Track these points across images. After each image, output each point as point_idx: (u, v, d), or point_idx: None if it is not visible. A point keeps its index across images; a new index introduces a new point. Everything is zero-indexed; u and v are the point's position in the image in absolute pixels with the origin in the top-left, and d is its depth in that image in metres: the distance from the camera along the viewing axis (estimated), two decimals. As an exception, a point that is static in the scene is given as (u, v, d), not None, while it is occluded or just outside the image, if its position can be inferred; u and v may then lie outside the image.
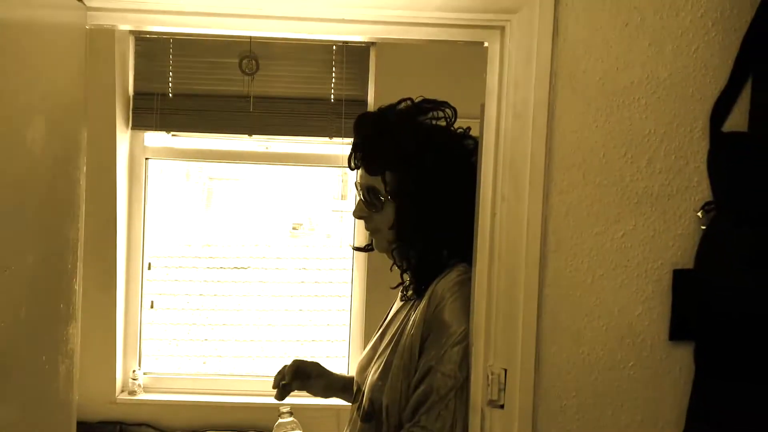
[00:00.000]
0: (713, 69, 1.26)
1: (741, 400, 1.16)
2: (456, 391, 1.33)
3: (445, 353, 1.34)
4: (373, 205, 1.49)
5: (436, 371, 1.34)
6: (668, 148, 1.27)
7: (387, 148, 1.45)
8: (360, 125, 1.51)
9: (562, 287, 1.28)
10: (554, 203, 1.27)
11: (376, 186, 1.47)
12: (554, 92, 1.26)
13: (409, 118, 1.47)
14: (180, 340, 3.33)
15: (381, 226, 1.49)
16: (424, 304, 1.40)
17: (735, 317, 1.18)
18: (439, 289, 1.39)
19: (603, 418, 1.29)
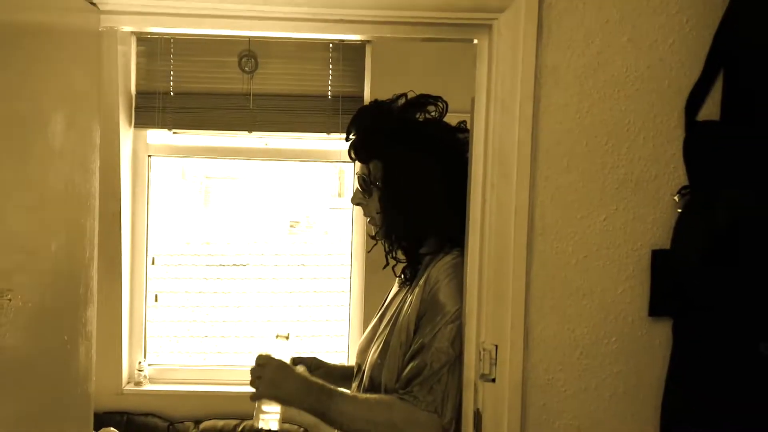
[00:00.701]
0: (688, 63, 1.34)
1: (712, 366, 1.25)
2: (449, 366, 1.42)
3: (439, 331, 1.43)
4: (364, 192, 1.59)
5: (430, 347, 1.42)
6: (646, 136, 1.36)
7: (374, 138, 1.55)
8: (355, 117, 1.61)
9: (548, 268, 1.37)
10: (540, 190, 1.36)
11: (365, 173, 1.58)
12: (539, 86, 1.35)
13: (399, 111, 1.56)
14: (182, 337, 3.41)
15: (372, 212, 1.59)
16: (421, 285, 1.49)
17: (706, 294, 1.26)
18: (434, 272, 1.48)
19: (588, 390, 1.38)
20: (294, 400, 1.50)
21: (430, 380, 1.41)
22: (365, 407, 1.46)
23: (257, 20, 1.39)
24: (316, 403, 1.47)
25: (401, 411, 1.41)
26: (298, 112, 3.15)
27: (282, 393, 1.50)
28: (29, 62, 1.11)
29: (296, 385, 1.49)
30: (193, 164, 3.40)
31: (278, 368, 1.52)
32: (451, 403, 1.42)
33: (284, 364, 1.54)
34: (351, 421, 1.46)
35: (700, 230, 1.29)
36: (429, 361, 1.41)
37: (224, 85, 3.14)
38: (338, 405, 1.46)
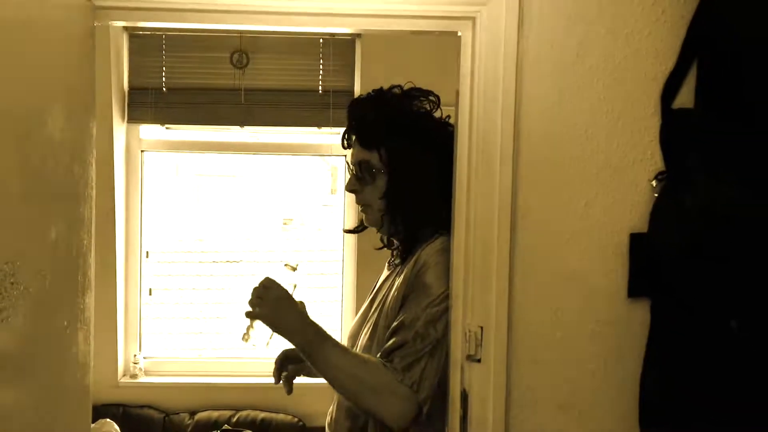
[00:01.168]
0: (663, 53, 1.40)
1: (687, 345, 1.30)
2: (430, 348, 1.46)
3: (422, 314, 1.47)
4: (365, 179, 1.62)
5: (412, 328, 1.46)
6: (624, 124, 1.41)
7: (382, 124, 1.59)
8: (356, 104, 1.66)
9: (530, 252, 1.42)
10: (523, 176, 1.41)
11: (369, 160, 1.60)
12: (521, 76, 1.40)
13: (402, 100, 1.62)
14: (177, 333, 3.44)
15: (372, 199, 1.62)
16: (409, 268, 1.54)
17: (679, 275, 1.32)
18: (423, 255, 1.53)
19: (570, 369, 1.43)
20: (287, 332, 1.52)
21: (410, 357, 1.45)
22: (352, 362, 1.50)
23: (247, 14, 1.44)
24: (306, 344, 1.50)
25: (384, 376, 1.45)
26: (289, 106, 3.20)
27: (278, 321, 1.53)
28: (28, 54, 1.15)
29: (294, 318, 1.52)
30: (187, 161, 3.44)
31: (282, 296, 1.55)
32: (429, 382, 1.46)
33: (288, 295, 1.56)
34: (335, 371, 1.49)
35: (674, 214, 1.34)
36: (410, 339, 1.46)
37: (216, 81, 3.19)
38: (327, 352, 1.49)
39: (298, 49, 3.19)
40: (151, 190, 3.37)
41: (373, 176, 1.61)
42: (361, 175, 1.62)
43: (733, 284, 1.26)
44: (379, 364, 1.47)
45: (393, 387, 1.45)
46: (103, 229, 3.14)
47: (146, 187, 3.34)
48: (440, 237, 1.55)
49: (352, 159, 1.66)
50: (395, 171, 1.58)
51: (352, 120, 1.65)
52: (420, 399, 1.45)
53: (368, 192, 1.63)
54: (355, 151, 1.64)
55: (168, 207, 3.42)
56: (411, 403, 1.45)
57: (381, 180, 1.60)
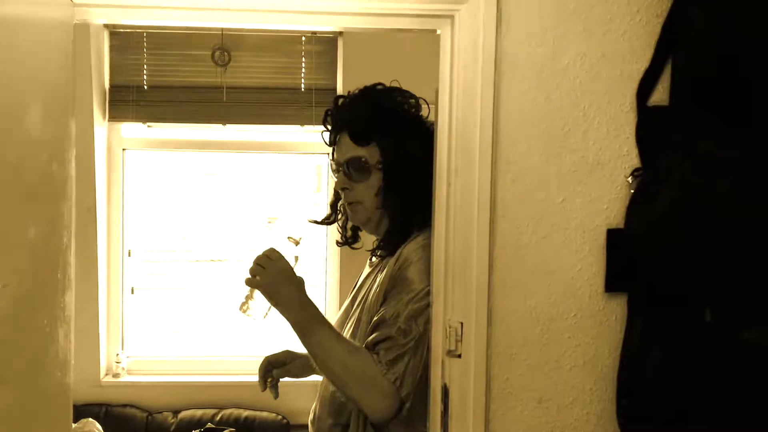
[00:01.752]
0: (639, 51, 1.42)
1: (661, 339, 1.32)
2: (413, 343, 1.48)
3: (404, 309, 1.49)
4: (357, 175, 1.62)
5: (395, 324, 1.48)
6: (601, 121, 1.43)
7: (377, 120, 1.60)
8: (343, 104, 1.65)
9: (509, 248, 1.44)
10: (501, 173, 1.43)
11: (363, 156, 1.60)
12: (499, 74, 1.41)
13: (388, 97, 1.63)
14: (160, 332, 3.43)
15: (364, 195, 1.62)
16: (391, 264, 1.55)
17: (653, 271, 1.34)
18: (405, 251, 1.54)
19: (549, 363, 1.45)
20: (284, 307, 1.53)
21: (394, 351, 1.47)
22: (343, 349, 1.51)
23: (228, 12, 1.44)
24: (302, 322, 1.52)
25: (370, 368, 1.47)
26: (272, 104, 3.20)
27: (277, 295, 1.54)
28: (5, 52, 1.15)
29: (293, 295, 1.53)
30: (169, 159, 3.43)
31: (285, 270, 1.55)
32: (411, 379, 1.48)
33: (290, 268, 1.56)
34: (326, 355, 1.51)
35: (649, 210, 1.36)
36: (394, 333, 1.47)
37: (198, 79, 3.18)
38: (321, 335, 1.51)
39: (280, 46, 3.19)
40: (133, 189, 3.35)
41: (366, 173, 1.61)
42: (352, 172, 1.62)
43: (705, 279, 1.28)
44: (367, 356, 1.48)
45: (378, 380, 1.46)
46: (85, 228, 3.12)
47: (128, 186, 3.33)
48: (422, 233, 1.56)
49: (338, 157, 1.66)
50: (391, 167, 1.59)
51: (342, 116, 1.65)
52: (402, 395, 1.47)
53: (360, 189, 1.63)
54: (344, 149, 1.64)
55: (150, 205, 3.41)
56: (393, 399, 1.47)
57: (375, 176, 1.61)
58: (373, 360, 1.48)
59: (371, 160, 1.61)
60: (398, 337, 1.48)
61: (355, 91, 1.67)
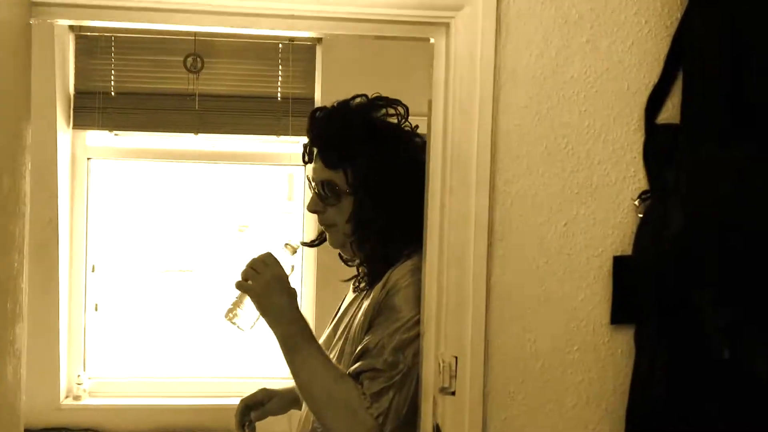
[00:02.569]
0: (647, 64, 1.32)
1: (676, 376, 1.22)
2: (400, 377, 1.36)
3: (390, 340, 1.37)
4: (329, 199, 1.50)
5: (380, 355, 1.36)
6: (606, 139, 1.33)
7: (347, 142, 1.47)
8: (317, 119, 1.53)
9: (508, 276, 1.32)
10: (500, 194, 1.32)
11: (333, 180, 1.48)
12: (498, 87, 1.31)
13: (366, 113, 1.49)
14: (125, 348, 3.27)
15: (337, 220, 1.50)
16: (378, 289, 1.43)
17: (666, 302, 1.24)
18: (393, 277, 1.42)
19: (550, 401, 1.34)
20: (273, 318, 1.42)
21: (379, 384, 1.35)
22: (329, 374, 1.39)
23: (201, 14, 1.31)
24: (290, 337, 1.40)
25: (354, 399, 1.35)
26: (247, 113, 3.06)
27: (268, 304, 1.42)
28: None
29: (285, 306, 1.42)
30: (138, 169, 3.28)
31: (280, 278, 1.43)
32: (395, 414, 1.35)
33: (286, 278, 1.45)
34: (310, 378, 1.39)
35: (659, 237, 1.26)
36: (380, 365, 1.35)
37: (169, 85, 3.03)
38: (307, 354, 1.39)
39: (255, 53, 3.06)
40: (98, 201, 3.19)
41: (338, 197, 1.48)
42: (325, 194, 1.50)
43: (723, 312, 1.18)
44: (353, 386, 1.36)
45: (360, 414, 1.34)
46: (46, 242, 2.95)
47: (93, 197, 3.16)
48: (411, 258, 1.45)
49: (314, 176, 1.54)
50: (362, 192, 1.46)
51: (315, 133, 1.52)
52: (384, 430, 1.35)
53: (332, 213, 1.51)
54: (317, 168, 1.52)
55: (116, 218, 3.25)
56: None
57: (347, 201, 1.48)
58: (358, 391, 1.36)
59: (342, 184, 1.48)
60: (384, 370, 1.35)
61: (328, 107, 1.55)
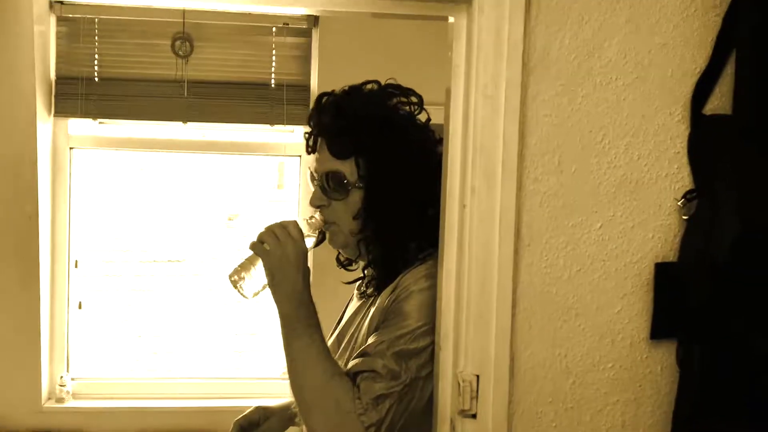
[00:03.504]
0: (693, 48, 1.17)
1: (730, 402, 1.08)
2: (401, 389, 1.23)
3: (396, 344, 1.24)
4: (334, 193, 1.36)
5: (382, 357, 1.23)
6: (647, 132, 1.18)
7: (360, 130, 1.33)
8: (325, 105, 1.38)
9: (536, 285, 1.18)
10: (528, 193, 1.17)
11: (342, 171, 1.34)
12: (527, 73, 1.16)
13: (379, 100, 1.35)
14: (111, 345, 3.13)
15: (342, 216, 1.36)
16: (385, 295, 1.29)
17: (719, 314, 1.10)
18: (404, 281, 1.29)
19: (582, 424, 1.20)
20: (282, 295, 1.28)
21: (378, 390, 1.22)
22: (326, 370, 1.25)
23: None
24: (293, 319, 1.27)
25: (347, 403, 1.22)
26: (239, 101, 2.90)
27: (282, 278, 1.28)
28: None
29: (299, 286, 1.28)
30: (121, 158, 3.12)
31: (301, 252, 1.29)
32: (389, 429, 1.23)
33: (305, 252, 1.31)
34: (303, 368, 1.26)
35: (710, 241, 1.11)
36: (380, 370, 1.23)
37: (156, 71, 2.86)
38: (309, 343, 1.26)
39: (248, 38, 2.90)
40: (81, 192, 3.02)
41: (345, 190, 1.34)
42: (330, 188, 1.35)
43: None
44: (349, 387, 1.23)
45: (350, 420, 1.21)
46: (25, 238, 2.80)
47: (75, 189, 3.00)
48: (426, 262, 1.31)
49: (317, 167, 1.39)
50: (373, 187, 1.32)
51: (322, 120, 1.38)
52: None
53: (337, 208, 1.36)
54: (322, 159, 1.37)
55: (100, 211, 3.09)
56: None
57: (355, 196, 1.34)
58: (353, 394, 1.22)
59: (351, 176, 1.34)
60: (384, 376, 1.22)
61: (342, 89, 1.39)
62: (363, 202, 1.34)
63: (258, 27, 2.88)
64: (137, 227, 3.17)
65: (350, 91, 1.38)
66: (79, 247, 3.03)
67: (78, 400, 3.00)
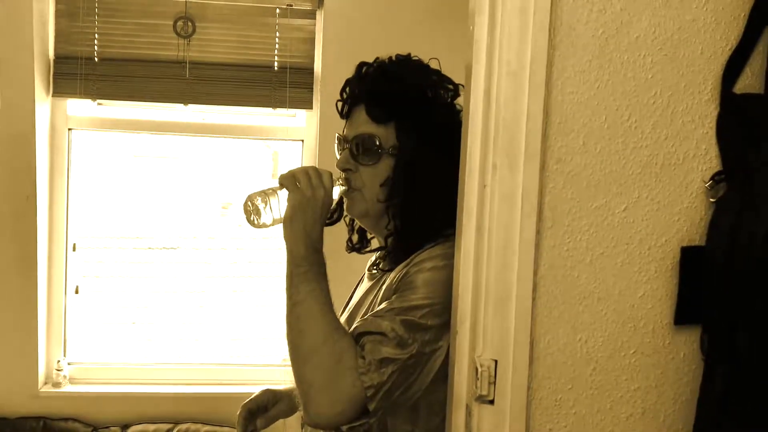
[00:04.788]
0: (725, 23, 1.13)
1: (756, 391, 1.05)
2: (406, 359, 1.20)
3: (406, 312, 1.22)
4: (365, 157, 1.33)
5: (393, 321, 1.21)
6: (675, 111, 1.14)
7: (404, 97, 1.32)
8: (366, 74, 1.37)
9: (558, 268, 1.14)
10: (551, 173, 1.13)
11: (377, 135, 1.32)
12: (552, 48, 1.11)
13: (426, 72, 1.36)
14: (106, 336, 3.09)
15: (369, 182, 1.33)
16: (398, 271, 1.26)
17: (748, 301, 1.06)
18: (420, 257, 1.26)
19: (601, 411, 1.17)
20: (299, 234, 1.24)
21: (384, 352, 1.19)
22: (329, 322, 1.21)
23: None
24: (305, 262, 1.22)
25: (349, 360, 1.18)
26: (241, 83, 2.86)
27: (303, 216, 1.24)
28: None
29: (314, 229, 1.24)
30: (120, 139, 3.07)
31: (328, 202, 1.27)
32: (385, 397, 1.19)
33: (331, 203, 1.29)
34: (304, 315, 1.21)
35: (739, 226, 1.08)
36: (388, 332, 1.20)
37: (157, 51, 2.82)
38: (315, 289, 1.22)
39: (251, 18, 2.85)
40: (79, 174, 2.98)
41: (375, 156, 1.32)
42: (360, 151, 1.33)
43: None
44: (351, 345, 1.19)
45: (348, 376, 1.17)
46: (22, 220, 2.76)
47: (74, 171, 2.95)
48: (444, 242, 1.27)
49: (348, 132, 1.37)
50: (408, 155, 1.30)
51: (362, 86, 1.36)
52: (369, 407, 1.18)
53: (365, 174, 1.34)
54: (356, 123, 1.36)
55: (98, 193, 3.04)
56: (349, 408, 1.18)
57: (385, 162, 1.32)
58: (356, 351, 1.18)
59: (385, 142, 1.32)
60: (392, 339, 1.19)
61: (383, 59, 1.37)
62: (393, 169, 1.31)
63: (262, 8, 2.84)
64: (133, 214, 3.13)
65: (398, 59, 1.37)
66: (76, 231, 2.99)
67: (75, 384, 2.97)
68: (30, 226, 2.78)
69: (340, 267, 1.44)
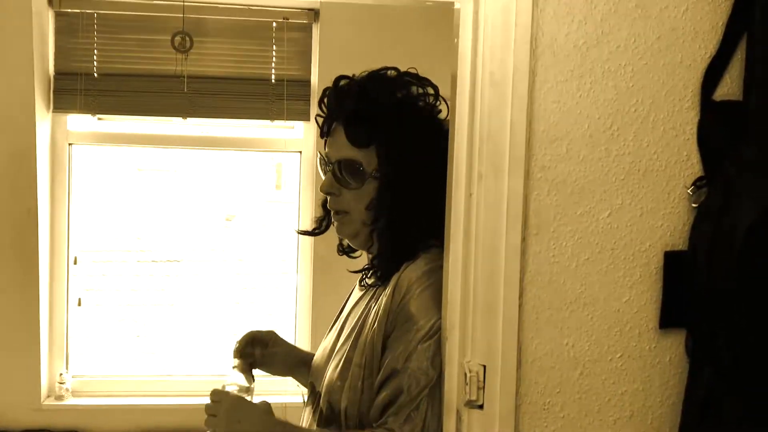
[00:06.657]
0: (703, 32, 1.16)
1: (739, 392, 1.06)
2: (428, 390, 1.21)
3: (414, 351, 1.23)
4: (348, 182, 1.34)
5: (405, 371, 1.22)
6: (656, 119, 1.16)
7: (382, 120, 1.31)
8: (342, 90, 1.36)
9: (544, 274, 1.16)
10: (535, 181, 1.15)
11: (358, 160, 1.32)
12: (535, 58, 1.14)
13: (400, 87, 1.34)
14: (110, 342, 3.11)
15: (354, 206, 1.34)
16: (389, 294, 1.27)
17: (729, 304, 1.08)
18: (405, 279, 1.26)
19: (589, 415, 1.18)
20: None
21: (407, 408, 1.21)
22: None
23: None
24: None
25: None
26: (239, 96, 2.88)
27: (241, 429, 1.30)
28: None
29: (256, 420, 1.31)
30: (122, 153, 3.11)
31: (235, 404, 1.32)
32: (433, 430, 1.21)
33: (240, 400, 1.34)
34: None
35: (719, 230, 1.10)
36: (405, 385, 1.21)
37: (155, 66, 2.85)
38: None
39: (248, 33, 2.88)
40: (80, 188, 3.00)
41: (360, 179, 1.32)
42: (343, 176, 1.33)
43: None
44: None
45: None
46: (24, 234, 2.78)
47: (74, 185, 2.98)
48: (423, 255, 1.29)
49: (330, 153, 1.37)
50: (392, 178, 1.30)
51: (341, 105, 1.35)
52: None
53: (349, 197, 1.34)
54: (337, 145, 1.35)
55: (99, 207, 3.07)
56: None
57: (370, 185, 1.32)
58: None
59: (367, 165, 1.32)
60: (410, 389, 1.22)
61: (361, 74, 1.37)
62: (378, 192, 1.32)
63: (258, 22, 2.87)
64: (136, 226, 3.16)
65: (372, 77, 1.35)
66: (78, 244, 3.01)
67: (77, 397, 2.98)
68: (31, 239, 2.80)
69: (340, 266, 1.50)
